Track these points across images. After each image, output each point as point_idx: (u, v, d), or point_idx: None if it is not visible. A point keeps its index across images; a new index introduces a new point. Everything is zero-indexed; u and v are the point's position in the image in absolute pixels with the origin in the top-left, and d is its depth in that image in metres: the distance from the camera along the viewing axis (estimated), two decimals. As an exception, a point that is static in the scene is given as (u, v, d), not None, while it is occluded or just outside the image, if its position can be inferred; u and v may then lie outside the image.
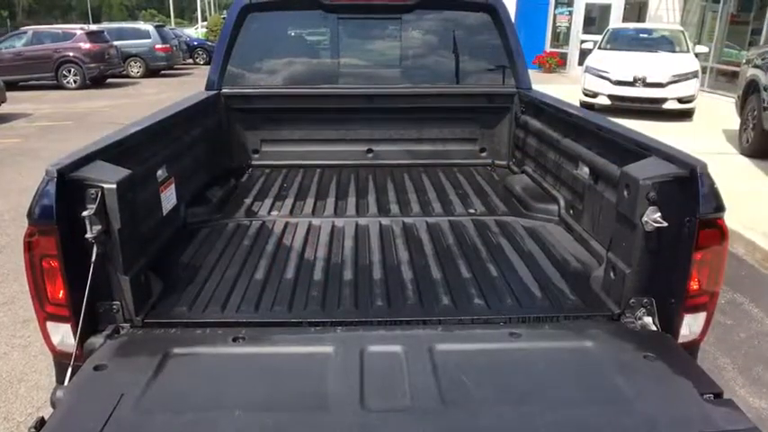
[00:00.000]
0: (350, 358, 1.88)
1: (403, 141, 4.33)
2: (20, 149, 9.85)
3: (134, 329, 2.11)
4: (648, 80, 11.71)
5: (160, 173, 2.87)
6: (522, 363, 1.88)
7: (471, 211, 3.34)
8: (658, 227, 2.06)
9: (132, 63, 21.61)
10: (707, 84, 15.84)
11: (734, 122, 9.74)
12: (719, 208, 2.05)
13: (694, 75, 11.89)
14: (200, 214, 3.22)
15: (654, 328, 2.16)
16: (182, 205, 3.14)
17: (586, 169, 2.97)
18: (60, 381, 2.02)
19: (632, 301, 2.21)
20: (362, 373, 1.80)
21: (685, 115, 12.00)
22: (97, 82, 18.88)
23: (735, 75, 15.30)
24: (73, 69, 18.22)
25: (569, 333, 2.08)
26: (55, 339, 2.11)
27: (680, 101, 11.74)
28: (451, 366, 1.84)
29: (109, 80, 19.70)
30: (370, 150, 4.33)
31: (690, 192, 2.04)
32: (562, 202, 3.22)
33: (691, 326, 2.19)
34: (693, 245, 2.05)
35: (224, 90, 4.13)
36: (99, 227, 2.01)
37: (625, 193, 2.17)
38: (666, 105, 11.76)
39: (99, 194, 2.00)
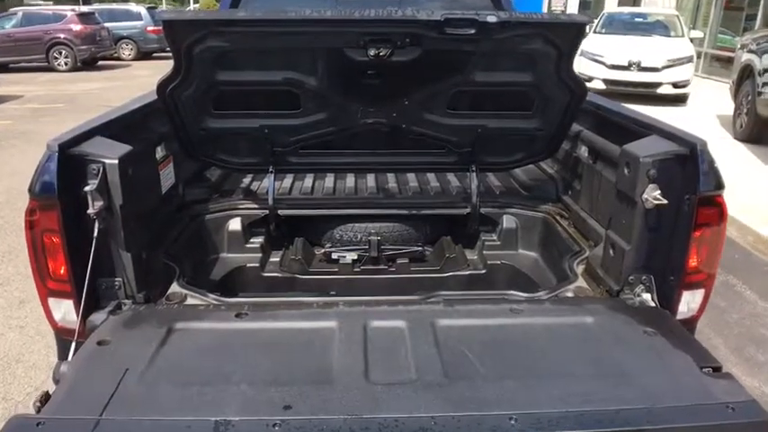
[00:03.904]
0: (353, 333, 1.90)
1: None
2: (11, 132, 9.74)
3: (136, 306, 2.11)
4: (643, 64, 11.71)
5: (159, 150, 2.86)
6: (524, 338, 1.90)
7: (468, 191, 3.35)
8: (658, 204, 2.07)
9: (124, 45, 21.33)
10: (701, 69, 15.86)
11: (728, 108, 9.78)
12: (719, 185, 2.07)
13: (689, 60, 11.90)
14: (198, 193, 3.21)
15: (652, 305, 2.18)
16: (180, 184, 3.13)
17: (584, 149, 2.98)
18: (62, 357, 2.03)
19: (631, 278, 2.23)
20: (366, 348, 1.82)
21: (679, 100, 12.03)
22: (88, 64, 18.66)
23: (729, 60, 15.27)
24: (64, 51, 17.98)
25: (569, 309, 2.10)
26: (57, 315, 2.11)
27: (674, 85, 11.76)
28: (454, 341, 1.86)
29: (100, 62, 19.47)
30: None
31: (690, 169, 2.06)
32: (560, 184, 3.23)
33: (689, 303, 2.22)
34: (693, 222, 2.07)
35: None
36: (101, 203, 2.01)
37: (625, 170, 2.19)
38: (661, 90, 11.77)
39: (101, 170, 1.99)
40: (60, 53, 17.99)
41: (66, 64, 18.03)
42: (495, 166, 3.27)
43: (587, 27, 2.38)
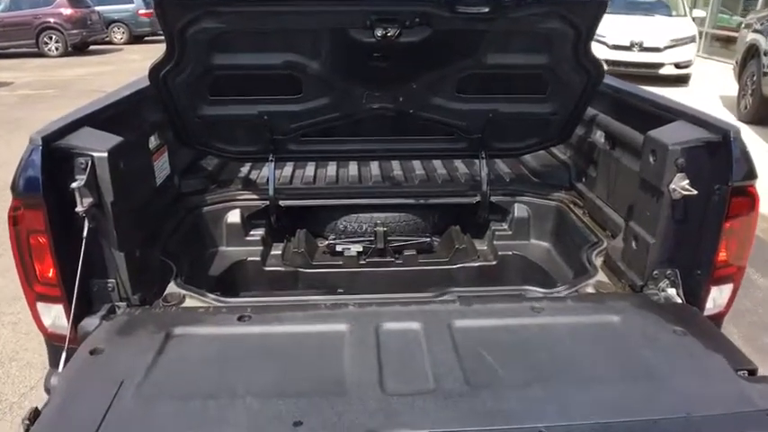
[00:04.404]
0: (365, 337, 1.77)
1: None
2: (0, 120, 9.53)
3: (131, 309, 1.98)
4: (645, 45, 11.50)
5: (153, 139, 2.71)
6: (547, 339, 1.78)
7: (477, 178, 3.21)
8: (686, 194, 1.94)
9: (115, 29, 20.92)
10: (702, 49, 15.63)
11: (731, 88, 9.61)
12: (752, 174, 1.95)
13: (692, 39, 11.70)
14: (195, 184, 3.06)
15: (678, 301, 2.07)
16: (176, 175, 2.98)
17: (600, 134, 2.84)
18: (54, 364, 1.90)
19: (656, 272, 2.11)
20: (379, 353, 1.70)
21: (681, 81, 11.85)
22: (79, 49, 18.28)
23: (730, 40, 15.13)
24: (54, 36, 17.61)
25: (593, 307, 1.98)
26: (46, 321, 1.98)
27: (677, 66, 11.57)
28: (473, 344, 1.74)
29: (92, 47, 19.08)
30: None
31: (721, 157, 1.93)
32: (574, 171, 3.10)
33: (716, 298, 2.11)
34: (724, 213, 1.94)
35: None
36: (90, 199, 1.87)
37: (651, 159, 2.05)
38: (663, 71, 11.58)
39: (89, 164, 1.85)
40: (51, 38, 17.62)
41: (56, 49, 17.67)
42: (506, 152, 3.13)
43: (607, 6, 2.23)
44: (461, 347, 1.71)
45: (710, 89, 11.04)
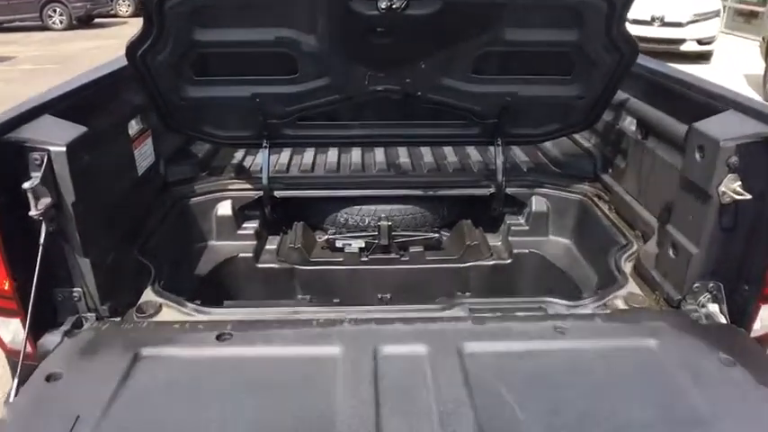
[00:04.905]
0: (361, 363, 1.53)
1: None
2: None
3: (99, 323, 1.75)
4: (666, 19, 10.99)
5: (133, 124, 2.45)
6: (574, 369, 1.53)
7: (491, 167, 2.93)
8: (738, 199, 1.67)
9: (121, 1, 20.50)
10: (724, 24, 15.04)
11: (756, 66, 9.18)
12: None
13: (716, 14, 11.19)
14: (183, 172, 2.81)
15: (722, 319, 1.80)
16: (161, 162, 2.73)
17: (630, 120, 2.55)
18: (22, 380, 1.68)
19: (696, 285, 1.84)
20: (377, 385, 1.45)
21: (703, 58, 11.36)
22: (84, 22, 17.95)
23: (753, 15, 14.55)
24: (58, 9, 17.27)
25: (626, 327, 1.72)
26: (5, 336, 1.76)
27: (699, 42, 11.08)
28: (487, 375, 1.49)
29: (96, 20, 18.73)
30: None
31: None
32: (599, 160, 2.81)
33: (764, 318, 1.84)
34: (782, 221, 1.67)
35: None
36: (48, 200, 1.63)
37: (697, 156, 1.77)
38: (684, 47, 11.09)
39: (45, 160, 1.60)
40: (55, 11, 17.28)
41: (61, 22, 17.34)
42: (524, 139, 2.84)
43: None
44: (473, 379, 1.47)
45: (734, 67, 10.57)
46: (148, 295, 1.94)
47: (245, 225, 2.79)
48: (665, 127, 2.19)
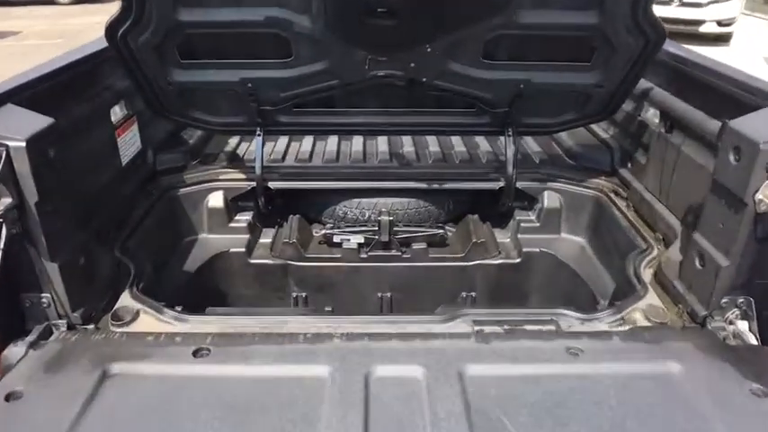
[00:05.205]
0: (351, 387, 1.38)
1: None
2: None
3: (67, 334, 1.60)
4: (686, -1, 10.65)
5: (117, 110, 2.29)
6: (589, 400, 1.36)
7: (501, 158, 2.74)
8: None
9: (127, -25, 20.20)
10: (744, 5, 14.58)
11: (780, 49, 8.85)
12: None
13: (737, -7, 10.81)
14: (172, 160, 2.65)
15: (751, 339, 1.63)
16: (149, 149, 2.57)
17: (653, 112, 2.35)
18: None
19: (724, 300, 1.67)
20: (367, 415, 1.30)
21: (722, 40, 11.01)
22: (92, -5, 17.68)
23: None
24: (64, -18, 17.00)
25: (646, 348, 1.55)
26: (-33, 345, 1.61)
27: (719, 23, 10.74)
28: (491, 404, 1.33)
29: (103, -7, 18.49)
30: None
31: None
32: (617, 153, 2.62)
33: (798, 337, 1.66)
34: (826, 233, 1.49)
35: None
36: (9, 200, 1.48)
37: (731, 158, 1.58)
38: (704, 28, 10.75)
39: (2, 156, 1.44)
40: (61, -16, 17.01)
41: (68, -5, 17.07)
42: (537, 129, 2.65)
43: None
44: (476, 409, 1.31)
45: (755, 49, 10.22)
46: (125, 300, 1.79)
47: (237, 218, 2.64)
48: (693, 121, 1.99)
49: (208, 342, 1.52)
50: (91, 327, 1.69)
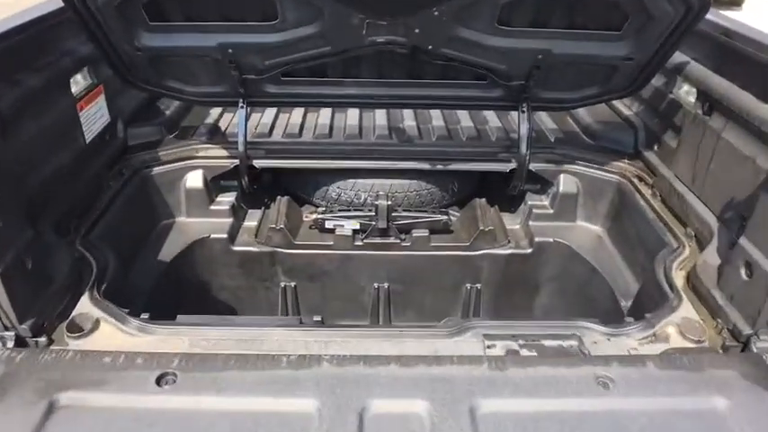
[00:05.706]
0: (343, 427, 1.16)
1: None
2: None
3: (12, 353, 1.37)
4: (699, -43, 10.17)
5: (79, 79, 2.01)
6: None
7: (513, 136, 2.47)
8: None
9: None
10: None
11: (796, 12, 8.44)
12: None
13: (753, -48, 10.30)
14: (146, 134, 2.38)
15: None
16: (120, 122, 2.29)
17: (687, 89, 2.09)
18: None
19: None
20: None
21: (734, 3, 10.53)
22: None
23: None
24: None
25: (685, 378, 1.33)
26: None
27: (732, -16, 10.25)
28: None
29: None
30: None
31: None
32: (642, 133, 2.36)
33: None
34: None
35: None
36: None
37: None
38: (716, -11, 10.29)
39: None
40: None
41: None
42: (555, 105, 2.37)
43: None
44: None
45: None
46: (83, 306, 1.56)
47: (218, 199, 2.39)
48: (738, 104, 1.73)
49: (174, 366, 1.29)
50: (43, 340, 1.46)
